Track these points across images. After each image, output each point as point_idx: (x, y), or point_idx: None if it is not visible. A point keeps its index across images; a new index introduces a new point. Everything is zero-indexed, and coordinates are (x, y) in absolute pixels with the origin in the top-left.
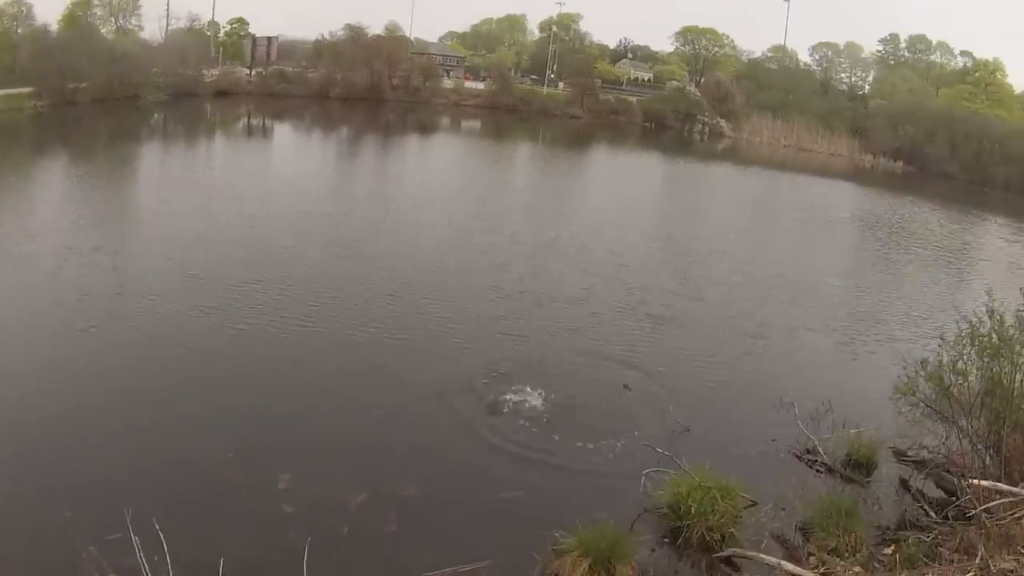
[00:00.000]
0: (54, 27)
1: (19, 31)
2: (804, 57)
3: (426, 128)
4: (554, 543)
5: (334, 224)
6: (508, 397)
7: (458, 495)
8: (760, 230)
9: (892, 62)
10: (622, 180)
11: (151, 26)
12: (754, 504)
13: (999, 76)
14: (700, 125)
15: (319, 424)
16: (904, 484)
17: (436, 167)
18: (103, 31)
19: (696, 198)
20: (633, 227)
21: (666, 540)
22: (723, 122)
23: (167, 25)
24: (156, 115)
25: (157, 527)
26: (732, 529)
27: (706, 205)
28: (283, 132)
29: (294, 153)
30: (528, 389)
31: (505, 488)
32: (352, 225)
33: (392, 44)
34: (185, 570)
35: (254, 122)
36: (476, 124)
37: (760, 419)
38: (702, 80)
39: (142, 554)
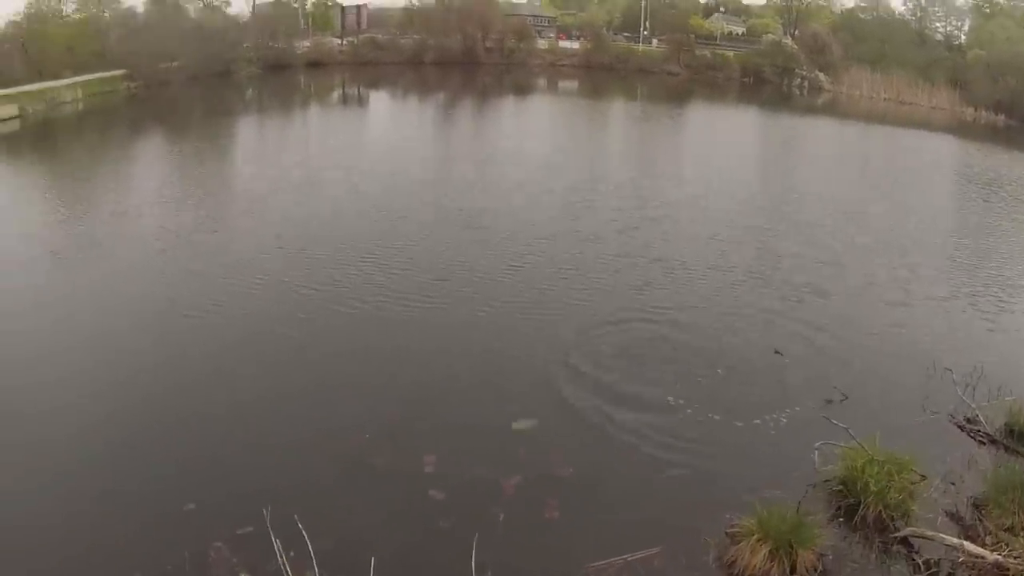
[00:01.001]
0: (140, 9)
1: (106, 15)
2: (897, 6)
3: (523, 89)
4: (728, 526)
5: (443, 191)
6: (657, 370)
7: (618, 476)
8: (878, 189)
9: (987, 10)
10: (727, 136)
11: (237, 1)
12: (924, 478)
13: None
14: (799, 79)
15: (457, 402)
16: None
17: (541, 128)
18: (190, 9)
19: (805, 154)
20: (749, 186)
21: (840, 519)
22: (822, 75)
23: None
24: (250, 89)
25: (296, 519)
26: (911, 506)
27: (817, 162)
28: (379, 99)
29: (392, 120)
30: (678, 360)
31: (667, 467)
32: (463, 192)
33: (483, 7)
34: (331, 568)
35: (349, 91)
36: (573, 84)
37: (915, 387)
38: (797, 33)
39: (280, 550)
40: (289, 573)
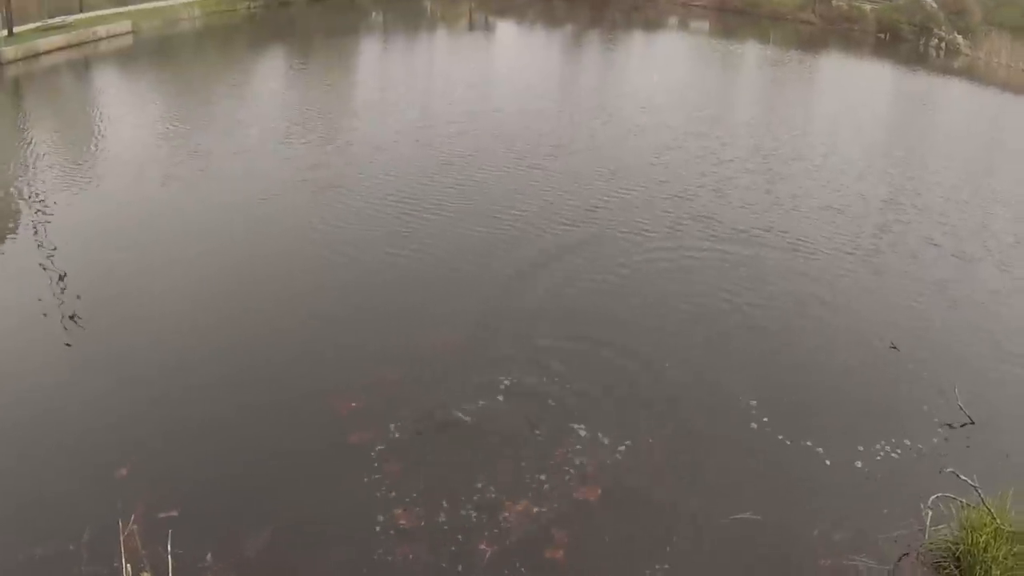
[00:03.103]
0: None
1: None
2: None
3: (652, 26)
4: None
5: (569, 125)
6: (739, 365)
7: (667, 511)
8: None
9: None
10: (858, 89)
11: None
12: None
13: None
14: (936, 40)
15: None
16: None
17: (666, 65)
18: None
19: (942, 118)
20: (877, 147)
21: None
22: (960, 38)
23: None
24: (374, 14)
25: None
26: None
27: (954, 128)
28: (506, 29)
29: (519, 49)
30: (767, 352)
31: (731, 506)
32: (584, 125)
33: None
34: None
35: (476, 19)
36: (704, 24)
37: None
38: None
39: None
40: None
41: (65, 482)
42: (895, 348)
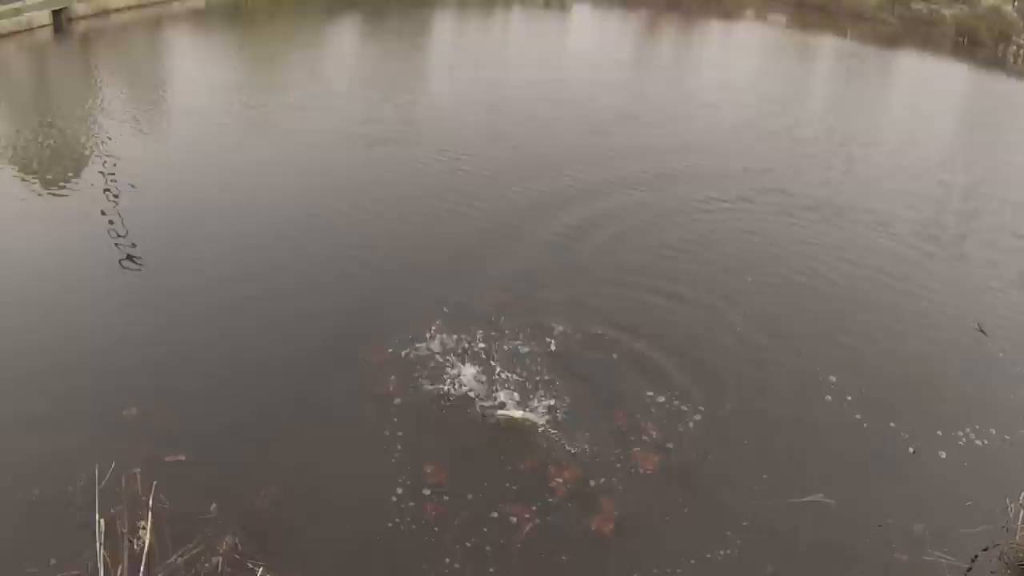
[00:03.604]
0: None
1: None
2: None
3: (730, 15)
4: None
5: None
6: (815, 345)
7: (733, 488)
8: None
9: None
10: (938, 87)
11: None
12: None
13: None
14: (1015, 47)
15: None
16: None
17: (739, 52)
18: None
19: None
20: (958, 140)
21: None
22: None
23: None
24: None
25: None
26: None
27: None
28: (582, 8)
29: (592, 28)
30: (852, 333)
31: (803, 488)
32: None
33: None
34: None
35: None
36: (781, 18)
37: None
38: (1017, 3)
39: None
40: None
41: (75, 420)
42: (982, 331)
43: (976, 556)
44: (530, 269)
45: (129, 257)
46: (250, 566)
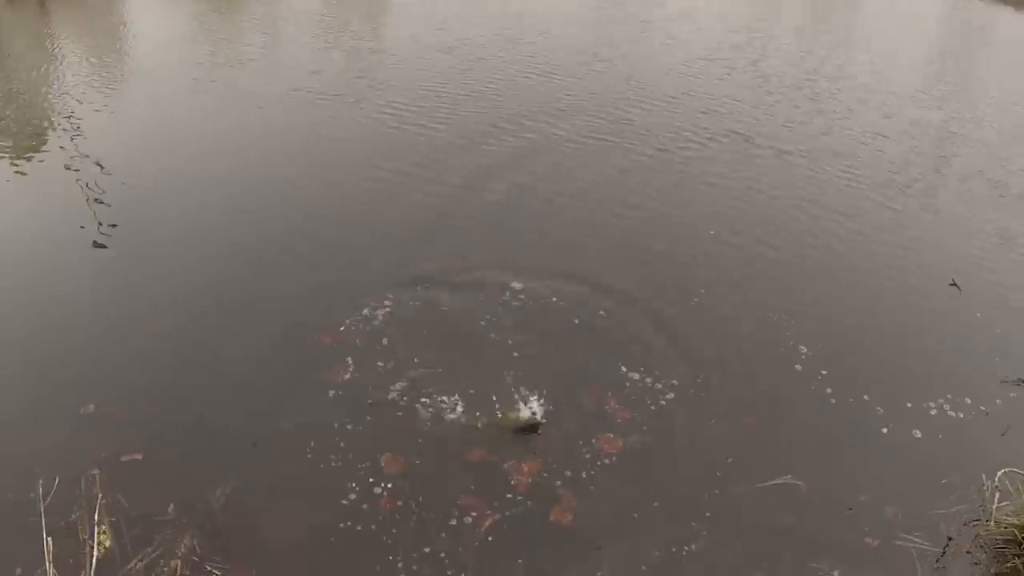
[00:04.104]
0: None
1: None
2: None
3: None
4: None
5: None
6: (772, 303)
7: (695, 471)
8: None
9: None
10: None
11: None
12: None
13: None
14: None
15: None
16: None
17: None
18: None
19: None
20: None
21: None
22: None
23: None
24: None
25: None
26: None
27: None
28: None
29: None
30: (808, 290)
31: (771, 468)
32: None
33: None
34: None
35: None
36: None
37: None
38: None
39: None
40: None
41: (32, 418)
42: (955, 286)
43: (949, 540)
44: (486, 234)
45: (98, 226)
46: (208, 568)
